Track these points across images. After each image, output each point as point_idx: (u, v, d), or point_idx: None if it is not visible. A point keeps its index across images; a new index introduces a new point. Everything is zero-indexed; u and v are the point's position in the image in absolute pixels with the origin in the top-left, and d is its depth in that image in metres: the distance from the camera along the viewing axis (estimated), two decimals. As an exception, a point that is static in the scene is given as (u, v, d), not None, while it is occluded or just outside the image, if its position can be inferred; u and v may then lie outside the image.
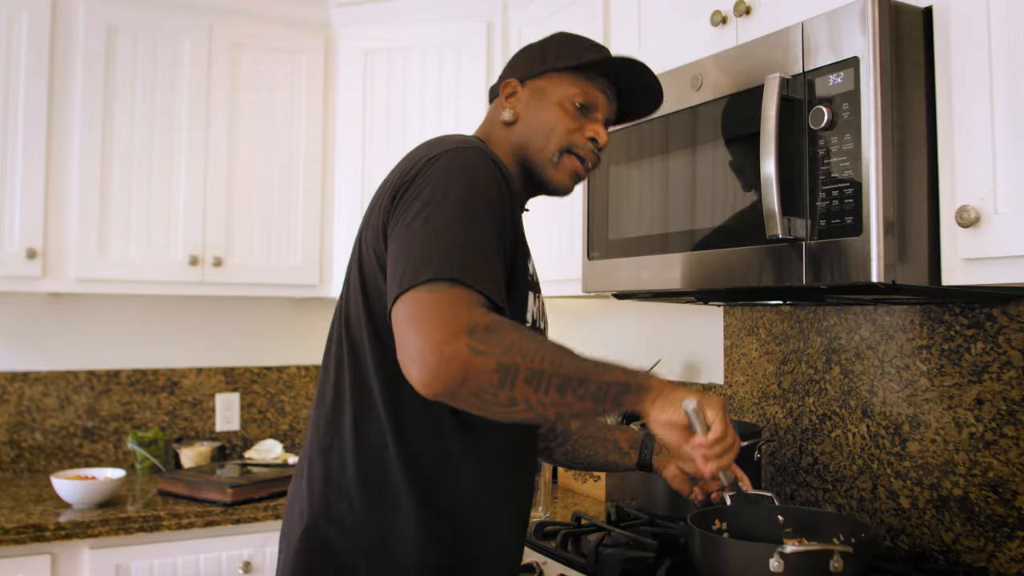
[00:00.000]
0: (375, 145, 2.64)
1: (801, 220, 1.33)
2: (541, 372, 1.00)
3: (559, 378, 1.01)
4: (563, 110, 1.26)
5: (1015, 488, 1.49)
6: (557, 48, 1.29)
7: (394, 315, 1.03)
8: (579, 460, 1.52)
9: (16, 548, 2.01)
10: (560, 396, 1.02)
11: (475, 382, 0.97)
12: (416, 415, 1.16)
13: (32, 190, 2.31)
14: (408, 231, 1.07)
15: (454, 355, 0.96)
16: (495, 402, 1.00)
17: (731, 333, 2.11)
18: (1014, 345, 1.50)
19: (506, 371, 0.98)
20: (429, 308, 0.99)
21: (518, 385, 0.99)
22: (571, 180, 1.30)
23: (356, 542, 1.15)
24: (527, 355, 1.00)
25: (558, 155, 1.26)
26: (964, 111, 1.24)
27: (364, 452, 1.17)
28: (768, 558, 1.23)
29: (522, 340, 1.01)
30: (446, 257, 1.02)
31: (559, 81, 1.27)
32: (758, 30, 1.58)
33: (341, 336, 1.22)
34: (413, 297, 1.00)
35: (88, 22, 2.40)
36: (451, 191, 1.08)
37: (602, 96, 1.29)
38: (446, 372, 0.96)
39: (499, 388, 0.98)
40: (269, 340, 3.01)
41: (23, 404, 2.61)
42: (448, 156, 1.12)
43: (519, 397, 0.99)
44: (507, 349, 0.99)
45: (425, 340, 0.97)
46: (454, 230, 1.05)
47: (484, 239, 1.07)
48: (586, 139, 1.27)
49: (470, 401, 1.00)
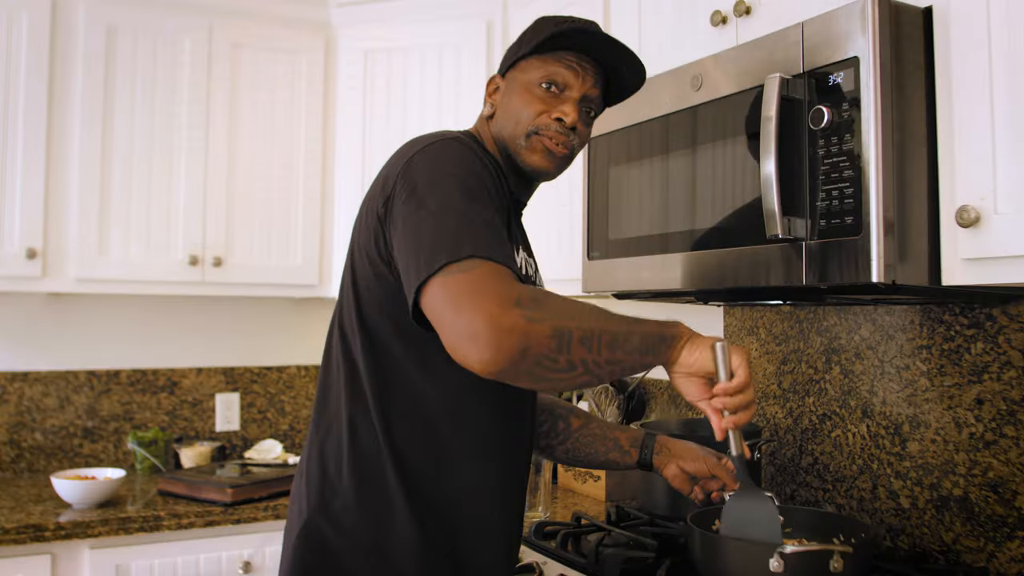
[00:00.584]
0: (375, 145, 2.64)
1: (801, 220, 1.33)
2: (592, 331, 1.01)
3: (608, 335, 1.03)
4: (529, 93, 1.24)
5: (1015, 488, 1.49)
6: (532, 33, 1.27)
7: (428, 302, 1.01)
8: (580, 458, 1.52)
9: (16, 548, 2.01)
10: (611, 352, 1.03)
11: (536, 350, 0.97)
12: (406, 415, 1.17)
13: (32, 190, 2.31)
14: (413, 220, 1.06)
15: (512, 326, 0.95)
16: (554, 368, 0.99)
17: (731, 333, 2.11)
18: (1014, 345, 1.50)
19: (561, 335, 0.99)
20: (471, 285, 0.97)
21: (574, 347, 1.00)
22: (547, 160, 1.25)
23: (352, 541, 1.16)
24: (575, 317, 1.01)
25: (525, 138, 1.24)
26: (964, 111, 1.24)
27: (358, 452, 1.17)
28: (768, 558, 1.23)
29: (566, 305, 1.03)
30: (466, 234, 1.02)
31: (527, 66, 1.26)
32: (758, 30, 1.58)
33: (336, 338, 1.23)
34: (447, 279, 0.99)
35: (88, 22, 2.40)
36: (444, 176, 1.09)
37: (570, 73, 1.24)
38: (507, 344, 0.95)
39: (558, 353, 0.99)
40: (269, 340, 3.01)
41: (23, 404, 2.61)
42: (431, 148, 1.13)
43: (576, 359, 1.00)
44: (557, 314, 1.00)
45: (477, 316, 0.95)
46: (461, 208, 1.05)
47: (489, 215, 1.07)
48: (552, 119, 1.23)
49: (532, 371, 0.99)
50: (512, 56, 1.29)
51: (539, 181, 1.32)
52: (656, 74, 1.70)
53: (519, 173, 1.29)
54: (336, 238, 2.71)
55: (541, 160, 1.25)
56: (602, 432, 1.52)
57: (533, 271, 1.32)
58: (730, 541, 1.32)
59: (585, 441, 1.51)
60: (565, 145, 1.25)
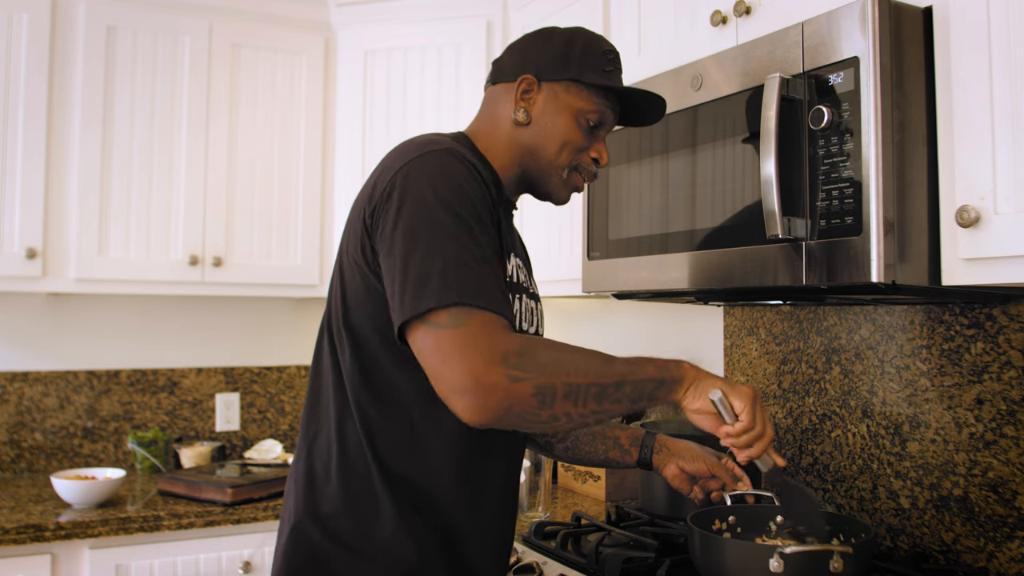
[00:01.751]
0: (375, 145, 2.64)
1: (801, 220, 1.33)
2: (577, 386, 1.03)
3: (596, 387, 1.04)
4: (576, 123, 1.25)
5: (1015, 488, 1.49)
6: (582, 55, 1.24)
7: (417, 345, 1.03)
8: (580, 457, 1.52)
9: (16, 548, 2.01)
10: (598, 404, 1.05)
11: (518, 408, 1.00)
12: (391, 421, 1.16)
13: (32, 190, 2.31)
14: (401, 247, 1.05)
15: (494, 385, 0.98)
16: (538, 421, 1.02)
17: (731, 333, 2.11)
18: (1014, 345, 1.50)
19: (544, 393, 1.00)
20: (458, 340, 0.99)
21: (557, 403, 1.02)
22: (569, 195, 1.32)
23: (339, 542, 1.16)
24: (562, 373, 1.02)
25: (567, 171, 1.27)
26: (964, 111, 1.24)
27: (344, 454, 1.17)
28: (768, 558, 1.23)
29: (555, 358, 1.03)
30: (456, 276, 1.02)
31: (576, 91, 1.24)
32: (758, 30, 1.58)
33: (324, 340, 1.23)
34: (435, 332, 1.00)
35: (88, 22, 2.40)
36: (436, 199, 1.06)
37: (611, 116, 1.29)
38: (489, 403, 0.98)
39: (540, 409, 1.01)
40: (269, 340, 3.01)
41: (23, 404, 2.61)
42: (424, 160, 1.10)
43: (559, 413, 1.02)
44: (542, 371, 1.01)
45: (464, 374, 0.98)
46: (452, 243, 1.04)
47: (480, 250, 1.06)
48: (590, 159, 1.29)
49: (516, 423, 1.02)
50: (561, 71, 1.25)
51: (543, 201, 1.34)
52: (656, 74, 1.70)
53: (527, 183, 1.29)
54: (336, 238, 2.71)
55: (567, 194, 1.32)
56: (602, 431, 1.52)
57: (525, 276, 1.31)
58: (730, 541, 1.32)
59: (585, 439, 1.51)
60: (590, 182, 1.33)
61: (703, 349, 2.21)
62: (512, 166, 1.27)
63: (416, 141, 1.17)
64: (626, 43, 1.97)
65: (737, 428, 1.13)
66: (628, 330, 2.49)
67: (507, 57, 1.30)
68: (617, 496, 2.24)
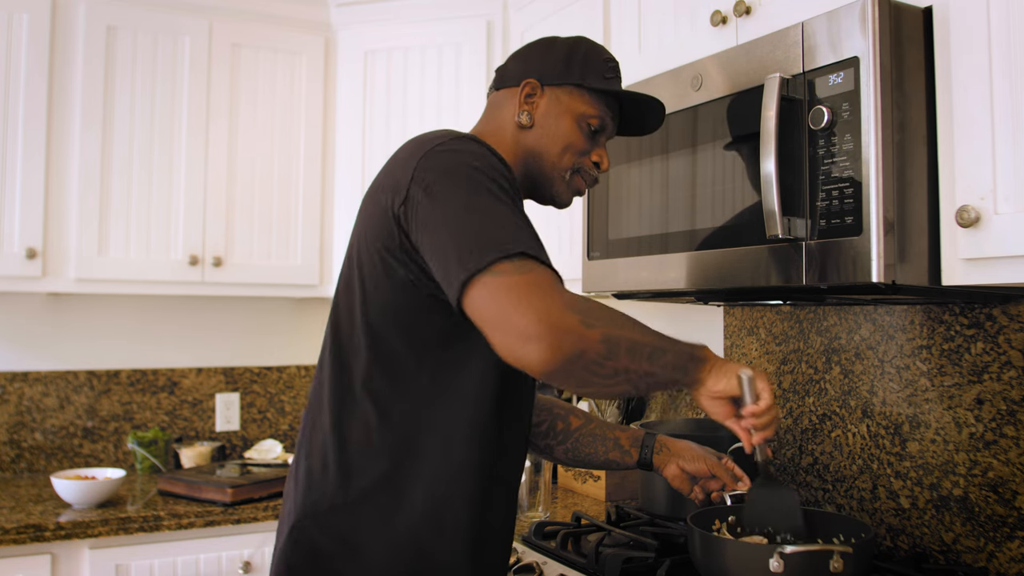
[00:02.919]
0: (375, 145, 2.64)
1: (801, 220, 1.33)
2: (637, 343, 1.05)
3: (649, 348, 1.06)
4: (578, 127, 1.28)
5: (1015, 488, 1.49)
6: (584, 61, 1.28)
7: (480, 299, 1.00)
8: (580, 458, 1.52)
9: (16, 548, 2.01)
10: (651, 364, 1.06)
11: (589, 355, 1.00)
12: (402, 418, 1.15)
13: (32, 190, 2.31)
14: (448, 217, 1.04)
15: (569, 328, 0.98)
16: (601, 373, 1.02)
17: (731, 333, 2.11)
18: (1014, 345, 1.50)
19: (611, 342, 1.01)
20: (528, 286, 0.98)
21: (621, 356, 1.02)
22: (572, 198, 1.34)
23: (338, 543, 1.15)
24: (623, 327, 1.04)
25: (570, 173, 1.30)
26: (964, 111, 1.24)
27: (344, 451, 1.17)
28: (768, 558, 1.23)
29: (612, 313, 1.05)
30: (511, 232, 1.03)
31: (578, 95, 1.28)
32: (758, 30, 1.58)
33: (330, 339, 1.22)
34: (501, 280, 0.99)
35: (88, 22, 2.40)
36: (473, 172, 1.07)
37: (611, 122, 1.32)
38: (565, 345, 0.97)
39: (607, 359, 1.01)
40: (269, 340, 3.01)
41: (23, 404, 2.61)
42: (452, 143, 1.12)
43: (620, 367, 1.03)
44: (609, 322, 1.02)
45: (537, 318, 0.96)
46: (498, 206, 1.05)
47: (518, 213, 1.08)
48: (592, 163, 1.31)
49: (580, 375, 1.01)
50: (564, 75, 1.27)
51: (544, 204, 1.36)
52: (656, 74, 1.70)
53: (530, 186, 1.31)
54: (336, 238, 2.71)
55: (570, 197, 1.34)
56: (602, 432, 1.52)
57: None
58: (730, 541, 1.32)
59: (585, 441, 1.51)
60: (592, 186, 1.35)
61: (703, 349, 2.21)
62: (516, 169, 1.28)
63: (433, 133, 1.17)
64: (626, 43, 1.97)
65: (762, 406, 1.15)
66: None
67: (511, 64, 1.33)
68: (617, 496, 2.24)
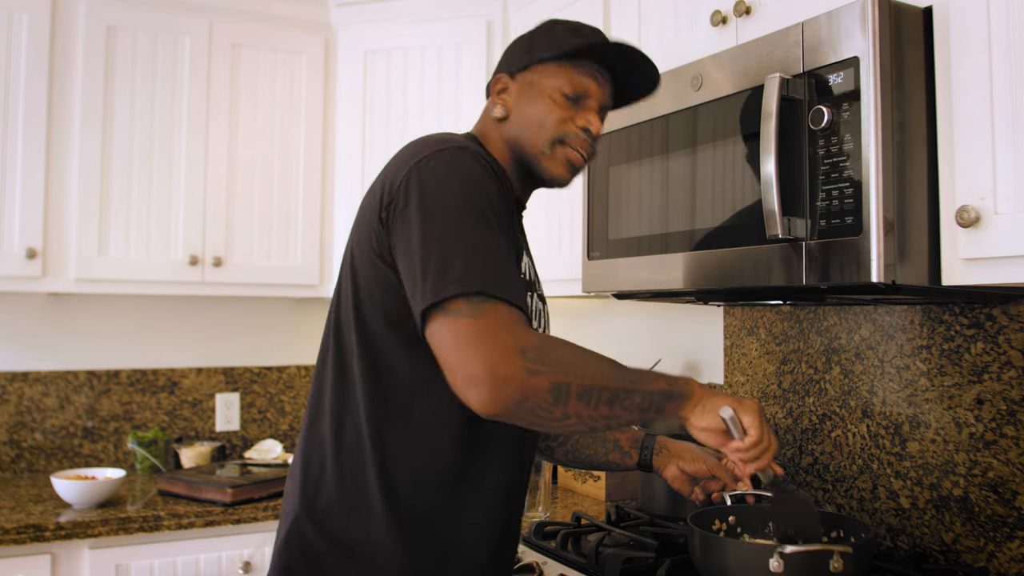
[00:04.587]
0: (375, 145, 2.64)
1: (801, 220, 1.33)
2: (592, 388, 1.03)
3: (608, 392, 1.04)
4: (552, 101, 1.23)
5: (1015, 488, 1.49)
6: (544, 37, 1.26)
7: (436, 336, 1.03)
8: (580, 459, 1.52)
9: (16, 548, 2.01)
10: (609, 409, 1.05)
11: (532, 401, 1.00)
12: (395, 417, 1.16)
13: (32, 190, 2.31)
14: (420, 238, 1.05)
15: (511, 376, 0.98)
16: (549, 418, 1.02)
17: (731, 333, 2.11)
18: (1014, 345, 1.50)
19: (559, 389, 1.01)
20: (478, 331, 0.99)
21: (571, 402, 1.02)
22: (567, 170, 1.27)
23: (333, 541, 1.16)
24: (577, 372, 1.02)
25: (550, 146, 1.24)
26: (964, 111, 1.24)
27: (340, 449, 1.17)
28: (768, 558, 1.23)
29: (570, 356, 1.04)
30: (477, 265, 1.02)
31: (547, 71, 1.24)
32: (758, 30, 1.58)
33: (330, 339, 1.23)
34: (455, 321, 1.00)
35: (88, 22, 2.40)
36: (454, 193, 1.07)
37: (592, 83, 1.25)
38: (505, 394, 0.98)
39: (553, 406, 1.01)
40: (269, 340, 3.01)
41: (23, 404, 2.61)
42: (440, 156, 1.11)
43: (571, 412, 1.02)
44: (558, 368, 1.01)
45: (481, 364, 0.98)
46: (472, 233, 1.05)
47: (497, 242, 1.07)
48: (578, 128, 1.25)
49: (526, 418, 1.02)
50: (525, 58, 1.27)
51: (550, 188, 1.32)
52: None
53: (529, 177, 1.29)
54: (336, 238, 2.71)
55: (562, 170, 1.26)
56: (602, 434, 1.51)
57: (534, 276, 1.31)
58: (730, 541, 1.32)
59: (585, 443, 1.51)
60: (587, 153, 1.27)
61: (703, 349, 2.21)
62: (508, 162, 1.28)
63: (429, 139, 1.18)
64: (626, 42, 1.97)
65: (747, 443, 1.14)
66: (628, 330, 2.49)
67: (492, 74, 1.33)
68: (617, 496, 2.24)
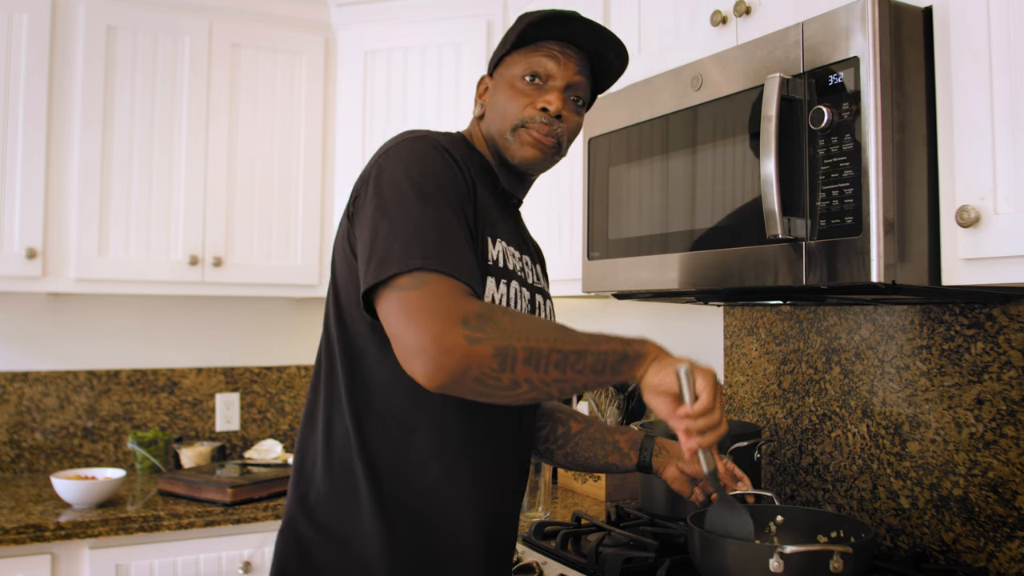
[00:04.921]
0: (375, 145, 2.62)
1: (801, 220, 1.33)
2: (538, 351, 1.02)
3: (557, 354, 1.03)
4: (513, 88, 1.26)
5: (1015, 488, 1.49)
6: (510, 31, 1.28)
7: (382, 310, 1.05)
8: (579, 462, 1.51)
9: (16, 548, 2.01)
10: (560, 372, 1.03)
11: (477, 370, 0.99)
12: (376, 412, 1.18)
13: (32, 190, 2.31)
14: (371, 222, 1.09)
15: (453, 346, 0.98)
16: (498, 386, 1.01)
17: (731, 333, 2.11)
18: (1014, 345, 1.50)
19: (504, 355, 1.00)
20: (419, 302, 1.01)
21: (518, 367, 1.01)
22: (534, 151, 1.25)
23: (324, 534, 1.18)
24: (522, 336, 1.01)
25: (512, 132, 1.25)
26: (964, 111, 1.23)
27: (332, 448, 1.20)
28: (768, 558, 1.23)
29: (515, 322, 1.03)
30: (418, 243, 1.04)
31: (511, 62, 1.28)
32: (758, 30, 1.58)
33: (322, 337, 1.27)
34: (397, 295, 1.02)
35: (88, 22, 2.40)
36: (403, 178, 1.11)
37: (550, 62, 1.24)
38: (448, 364, 0.98)
39: (500, 372, 1.00)
40: (269, 340, 3.01)
41: (23, 404, 2.61)
42: (397, 148, 1.16)
43: (520, 378, 1.01)
44: (502, 333, 1.00)
45: (423, 335, 0.99)
46: (416, 213, 1.07)
47: (442, 220, 1.08)
48: (537, 110, 1.24)
49: (474, 388, 1.01)
50: (497, 55, 1.31)
51: (531, 174, 1.32)
52: (656, 74, 1.70)
53: (511, 169, 1.30)
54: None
55: (529, 152, 1.25)
56: (601, 436, 1.51)
57: (523, 267, 1.30)
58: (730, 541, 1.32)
59: (584, 445, 1.51)
60: (551, 135, 1.25)
61: (703, 349, 2.21)
62: (491, 155, 1.31)
63: (399, 134, 1.22)
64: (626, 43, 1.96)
65: (696, 408, 1.06)
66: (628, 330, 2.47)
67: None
68: (617, 496, 2.24)
